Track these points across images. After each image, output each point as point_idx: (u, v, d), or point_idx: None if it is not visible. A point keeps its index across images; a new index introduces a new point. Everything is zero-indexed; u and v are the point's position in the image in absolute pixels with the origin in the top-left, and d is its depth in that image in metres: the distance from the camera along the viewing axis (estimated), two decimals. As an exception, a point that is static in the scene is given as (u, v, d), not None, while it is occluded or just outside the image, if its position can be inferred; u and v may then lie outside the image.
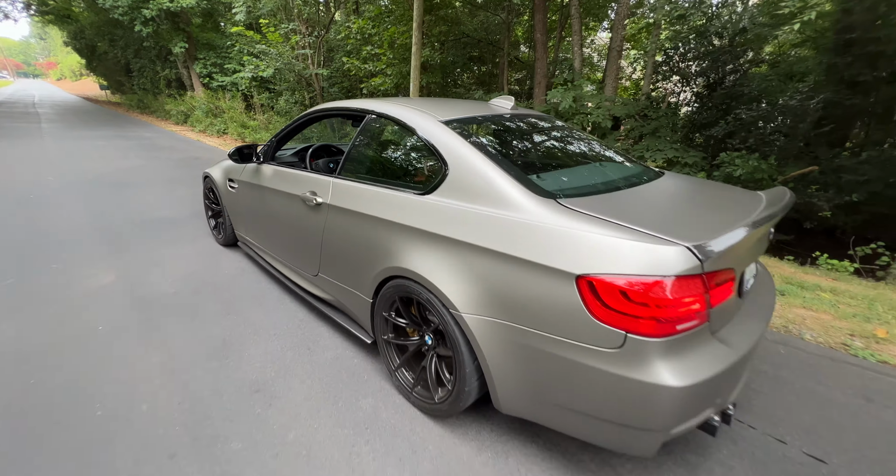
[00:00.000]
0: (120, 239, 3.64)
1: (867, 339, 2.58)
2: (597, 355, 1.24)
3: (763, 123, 6.68)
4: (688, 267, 1.15)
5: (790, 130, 6.00)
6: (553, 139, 2.25)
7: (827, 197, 5.65)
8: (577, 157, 2.13)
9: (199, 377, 1.95)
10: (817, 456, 1.65)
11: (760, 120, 6.58)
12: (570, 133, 2.34)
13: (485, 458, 1.59)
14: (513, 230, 1.40)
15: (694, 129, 8.28)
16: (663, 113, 7.60)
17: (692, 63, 8.24)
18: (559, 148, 2.19)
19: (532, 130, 2.23)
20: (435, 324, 1.67)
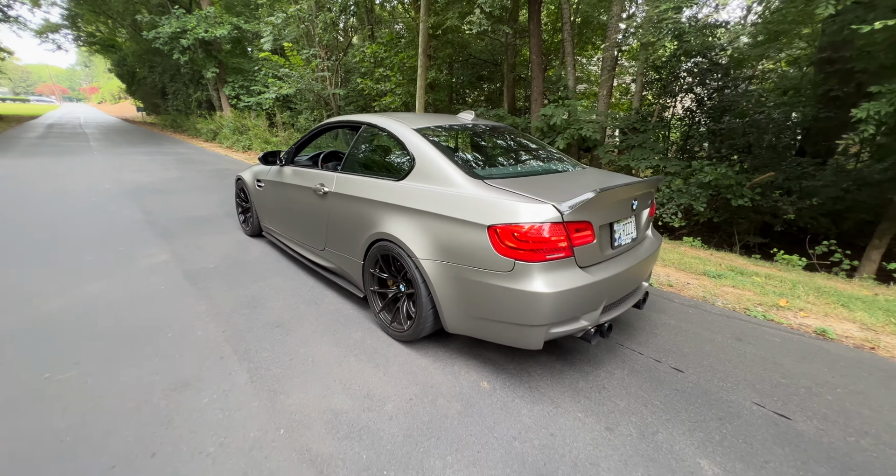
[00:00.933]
0: (167, 231, 4.45)
1: (770, 307, 3.13)
2: (499, 276, 1.89)
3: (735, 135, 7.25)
4: (551, 217, 1.81)
5: (756, 141, 6.54)
6: (499, 140, 2.96)
7: (790, 201, 6.13)
8: (514, 154, 2.82)
9: (235, 318, 2.66)
10: (679, 368, 2.24)
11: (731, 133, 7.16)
12: (516, 137, 3.03)
13: (438, 365, 2.24)
14: (453, 201, 2.08)
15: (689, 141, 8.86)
16: (652, 126, 8.20)
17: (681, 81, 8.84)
18: (501, 146, 2.90)
19: (482, 134, 2.94)
20: (404, 272, 2.35)
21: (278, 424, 1.77)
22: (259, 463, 1.57)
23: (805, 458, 1.70)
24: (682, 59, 8.33)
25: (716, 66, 7.71)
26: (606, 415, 1.90)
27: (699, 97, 8.41)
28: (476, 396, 2.00)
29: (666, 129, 9.16)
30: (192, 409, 1.84)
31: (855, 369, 2.33)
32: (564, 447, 1.71)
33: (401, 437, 1.73)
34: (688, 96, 8.89)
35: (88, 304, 2.77)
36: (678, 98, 9.07)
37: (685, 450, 1.72)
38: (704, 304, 3.12)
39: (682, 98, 9.08)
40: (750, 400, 2.03)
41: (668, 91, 8.74)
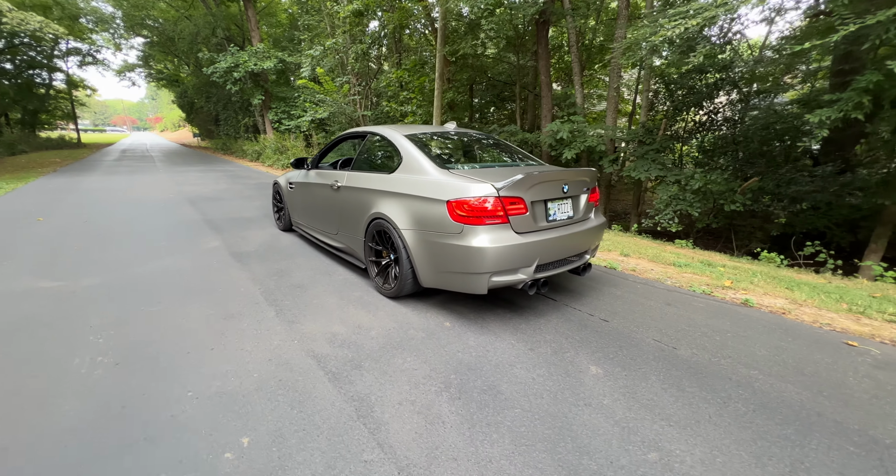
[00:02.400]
0: (219, 227, 5.43)
1: (714, 287, 3.62)
2: (453, 237, 2.59)
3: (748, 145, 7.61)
4: (489, 193, 2.51)
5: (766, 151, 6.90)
6: (473, 144, 3.70)
7: (782, 205, 6.41)
8: (483, 153, 3.55)
9: (267, 282, 3.47)
10: (605, 319, 2.82)
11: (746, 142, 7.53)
12: (489, 142, 3.76)
13: (415, 312, 2.93)
14: (424, 185, 2.82)
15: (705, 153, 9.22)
16: (658, 139, 8.65)
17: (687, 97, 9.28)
18: (473, 148, 3.64)
19: (459, 139, 3.70)
20: (392, 242, 3.08)
21: (293, 337, 2.52)
22: (279, 355, 2.32)
23: (671, 367, 2.25)
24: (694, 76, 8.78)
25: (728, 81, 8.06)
26: (533, 342, 2.52)
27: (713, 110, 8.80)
28: (438, 330, 2.68)
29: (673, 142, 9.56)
30: (236, 329, 2.62)
31: (753, 323, 2.82)
32: (494, 357, 2.35)
33: (377, 347, 2.43)
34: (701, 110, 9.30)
35: (164, 271, 3.68)
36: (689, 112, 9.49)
37: (582, 360, 2.32)
38: (655, 283, 3.65)
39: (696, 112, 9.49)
40: (651, 338, 2.58)
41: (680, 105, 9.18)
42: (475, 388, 2.07)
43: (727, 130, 9.01)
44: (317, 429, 1.77)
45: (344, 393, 2.00)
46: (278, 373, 2.16)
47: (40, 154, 20.49)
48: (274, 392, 2.00)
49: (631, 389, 2.07)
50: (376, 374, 2.16)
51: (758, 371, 2.24)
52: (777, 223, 6.79)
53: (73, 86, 29.60)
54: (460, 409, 1.91)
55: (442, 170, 2.85)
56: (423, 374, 2.17)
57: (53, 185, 9.51)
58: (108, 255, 4.13)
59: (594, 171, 3.14)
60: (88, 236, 4.85)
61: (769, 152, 7.37)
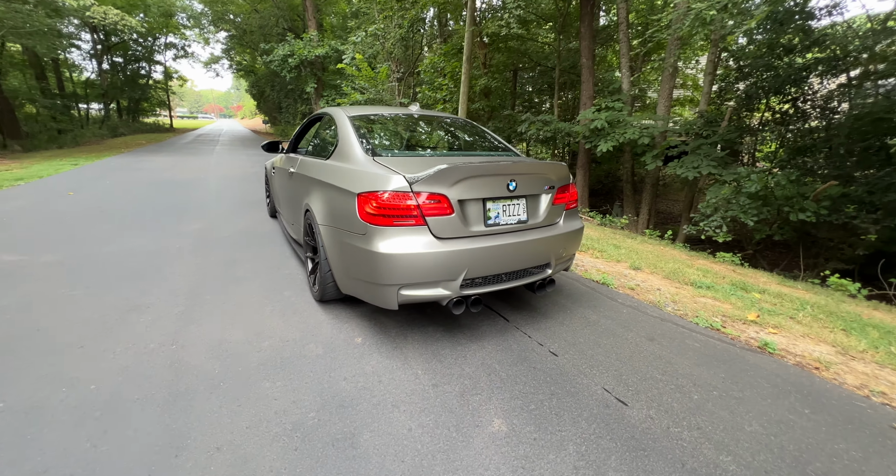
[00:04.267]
0: (217, 208, 5.42)
1: (730, 319, 2.81)
2: (358, 238, 2.14)
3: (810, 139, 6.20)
4: (399, 187, 2.02)
5: (837, 146, 5.56)
6: (433, 129, 3.18)
7: (874, 218, 5.05)
8: (440, 140, 3.02)
9: (211, 271, 3.26)
10: (555, 353, 2.22)
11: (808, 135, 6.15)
12: (455, 126, 3.22)
13: (333, 321, 2.53)
14: (345, 174, 2.39)
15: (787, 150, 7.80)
16: (720, 131, 7.40)
17: (766, 80, 7.89)
18: (430, 134, 3.10)
19: (414, 123, 3.20)
20: (319, 239, 2.70)
21: (176, 341, 2.24)
22: (141, 363, 2.04)
23: (606, 433, 1.64)
24: (780, 54, 7.38)
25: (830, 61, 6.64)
26: (443, 376, 2.02)
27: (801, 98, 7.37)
28: (342, 347, 2.25)
29: (741, 135, 8.19)
30: (128, 325, 2.40)
31: (760, 379, 2.05)
32: (382, 391, 1.88)
33: (255, 364, 2.06)
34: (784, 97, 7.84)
35: (125, 252, 3.62)
36: (767, 99, 8.05)
37: (490, 409, 1.78)
38: (649, 308, 2.91)
39: (780, 99, 8.02)
40: (602, 386, 1.95)
41: (755, 91, 7.80)
42: (328, 435, 1.62)
43: (818, 123, 7.50)
44: (90, 473, 1.44)
45: (164, 425, 1.65)
46: (116, 388, 1.87)
47: (134, 137, 22.94)
48: (84, 416, 1.69)
49: (530, 462, 1.51)
50: (225, 401, 1.79)
51: (733, 458, 1.56)
52: (865, 240, 5.45)
53: (169, 77, 32.95)
54: (287, 466, 1.48)
55: (369, 158, 2.40)
56: (278, 409, 1.76)
57: (116, 164, 10.37)
58: (90, 232, 4.20)
59: (562, 166, 2.50)
60: (92, 212, 5.03)
61: (865, 151, 5.92)
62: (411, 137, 3.09)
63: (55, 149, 15.08)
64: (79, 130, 19.16)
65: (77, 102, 22.51)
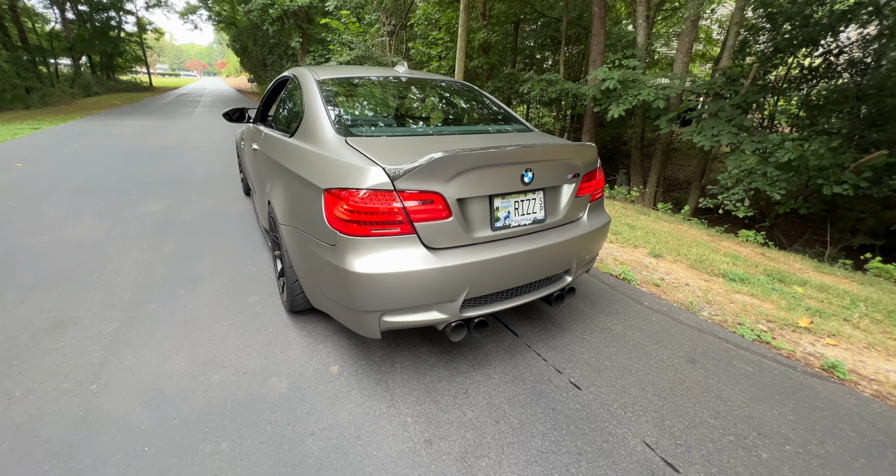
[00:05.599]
0: (184, 184, 4.81)
1: (781, 325, 2.37)
2: (326, 250, 1.62)
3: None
4: (378, 183, 1.47)
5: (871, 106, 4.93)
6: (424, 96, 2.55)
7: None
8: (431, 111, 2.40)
9: (159, 270, 2.75)
10: (578, 384, 1.78)
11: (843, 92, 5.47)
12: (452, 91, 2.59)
13: (304, 341, 2.06)
14: (310, 160, 1.83)
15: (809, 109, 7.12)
16: (744, 91, 6.68)
17: (798, 30, 7.07)
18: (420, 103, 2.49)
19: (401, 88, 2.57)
20: (285, 237, 2.18)
21: (97, 378, 1.76)
22: (44, 414, 1.57)
23: (657, 534, 1.22)
24: None
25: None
26: (440, 425, 1.58)
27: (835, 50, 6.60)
28: (315, 380, 1.80)
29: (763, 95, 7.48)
30: (37, 354, 1.91)
31: (840, 427, 1.63)
32: (360, 454, 1.44)
33: (197, 412, 1.61)
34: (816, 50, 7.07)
35: (62, 241, 3.08)
36: (798, 53, 7.25)
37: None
38: (681, 313, 2.46)
39: (809, 52, 7.23)
40: (641, 438, 1.52)
41: (785, 44, 6.99)
42: (281, 532, 1.19)
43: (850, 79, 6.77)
44: None
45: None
46: None
47: (109, 96, 21.58)
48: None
49: None
50: (146, 476, 1.35)
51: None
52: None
53: (143, 28, 30.51)
54: None
55: (340, 138, 1.82)
56: (214, 487, 1.32)
57: (83, 128, 9.51)
58: (26, 215, 3.62)
59: (591, 148, 1.94)
60: (38, 189, 4.41)
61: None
62: (397, 109, 2.47)
63: (21, 109, 14.02)
64: (48, 89, 17.74)
65: (44, 57, 20.79)
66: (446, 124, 2.24)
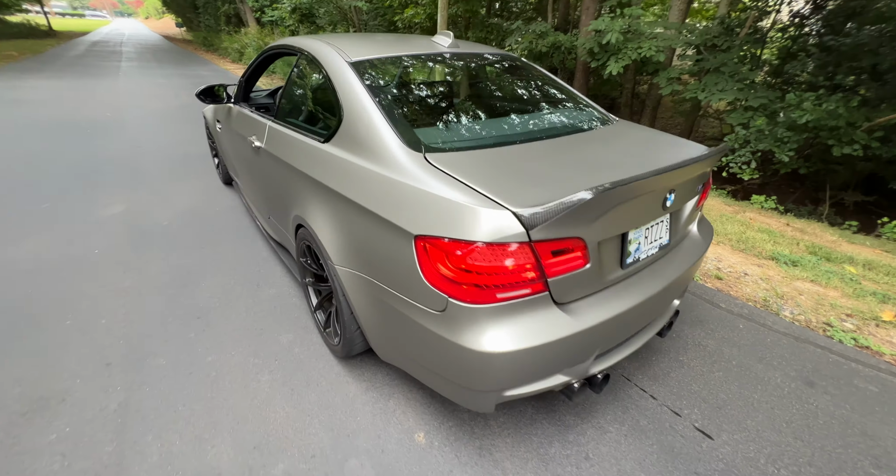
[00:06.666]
0: (144, 171, 4.03)
1: (865, 321, 2.25)
2: (427, 316, 1.23)
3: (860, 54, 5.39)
4: (510, 233, 1.07)
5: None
6: (484, 81, 2.04)
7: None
8: (502, 104, 1.91)
9: (156, 302, 2.23)
10: (706, 431, 1.56)
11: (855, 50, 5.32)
12: (519, 75, 2.09)
13: (369, 397, 1.70)
14: (377, 185, 1.36)
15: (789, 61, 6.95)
16: (738, 42, 6.39)
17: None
18: (485, 91, 1.98)
19: (460, 72, 2.04)
20: (329, 271, 1.73)
21: (123, 488, 1.35)
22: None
23: None
24: None
25: None
26: (577, 511, 1.32)
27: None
28: (402, 456, 1.47)
29: (760, 45, 7.24)
30: (38, 449, 1.45)
31: None
32: None
33: (274, 525, 1.25)
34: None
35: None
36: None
37: None
38: (763, 314, 2.29)
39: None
40: (808, 506, 1.35)
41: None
42: None
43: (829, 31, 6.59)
44: None
45: None
46: None
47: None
48: None
49: None
50: None
51: None
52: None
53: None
54: None
55: (414, 153, 1.35)
56: None
57: (-18, 95, 7.87)
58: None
59: (725, 149, 1.57)
60: (-45, 191, 3.54)
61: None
62: (456, 99, 1.94)
63: None
64: None
65: None
66: (525, 121, 1.77)
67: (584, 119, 1.82)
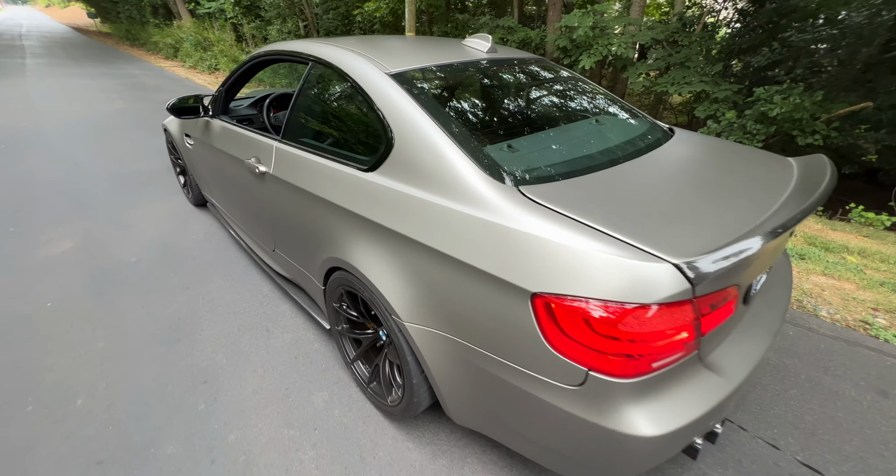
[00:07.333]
0: (90, 195, 3.43)
1: (892, 314, 2.29)
2: (553, 390, 1.00)
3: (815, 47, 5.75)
4: (673, 292, 0.86)
5: (848, 56, 5.10)
6: (541, 95, 1.82)
7: (876, 137, 4.97)
8: (564, 121, 1.70)
9: (142, 366, 1.83)
10: (813, 466, 1.47)
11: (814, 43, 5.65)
12: (566, 84, 1.89)
13: (439, 465, 1.46)
14: (460, 225, 1.10)
15: (732, 56, 7.30)
16: (696, 38, 6.63)
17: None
18: (544, 108, 1.76)
19: (514, 83, 1.80)
20: (380, 321, 1.46)
21: None
22: None
23: None
24: None
25: None
26: None
27: None
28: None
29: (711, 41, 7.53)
30: None
31: None
32: None
33: None
34: None
35: (-66, 342, 1.91)
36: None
37: None
38: (805, 317, 2.27)
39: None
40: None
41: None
42: None
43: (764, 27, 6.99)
44: None
45: None
46: None
47: None
48: None
49: None
50: None
51: None
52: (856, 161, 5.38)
53: None
54: None
55: (505, 186, 1.11)
56: None
57: None
58: None
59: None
60: None
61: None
62: (518, 119, 1.66)
63: None
64: None
65: None
66: (598, 138, 1.53)
67: (650, 131, 1.65)
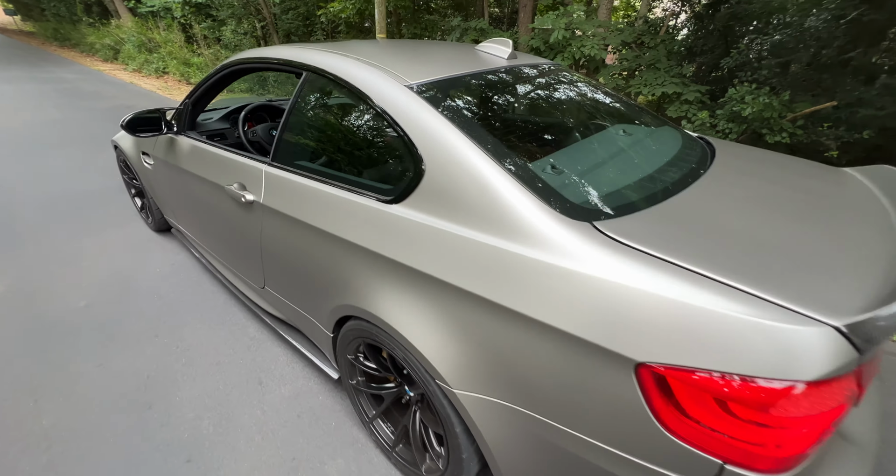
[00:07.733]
0: (21, 223, 2.94)
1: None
2: (670, 483, 0.81)
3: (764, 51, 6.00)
4: (840, 364, 0.69)
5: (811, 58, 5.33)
6: (580, 108, 1.63)
7: (836, 134, 5.21)
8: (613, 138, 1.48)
9: (112, 446, 1.49)
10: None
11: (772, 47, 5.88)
12: (598, 93, 1.72)
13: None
14: (526, 274, 0.89)
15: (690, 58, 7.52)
16: (661, 39, 6.78)
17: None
18: (588, 123, 1.53)
19: (551, 95, 1.61)
20: (411, 379, 1.23)
21: None
22: None
23: None
24: None
25: None
26: None
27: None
28: None
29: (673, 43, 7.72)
30: None
31: None
32: None
33: None
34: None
35: None
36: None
37: None
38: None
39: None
40: None
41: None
42: None
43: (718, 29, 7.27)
44: None
45: None
46: None
47: None
48: None
49: None
50: None
51: None
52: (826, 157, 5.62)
53: None
54: None
55: (577, 223, 0.91)
56: None
57: None
58: None
59: None
60: None
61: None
62: (577, 139, 1.43)
63: None
64: None
65: None
66: (650, 157, 1.33)
67: (692, 144, 1.50)
